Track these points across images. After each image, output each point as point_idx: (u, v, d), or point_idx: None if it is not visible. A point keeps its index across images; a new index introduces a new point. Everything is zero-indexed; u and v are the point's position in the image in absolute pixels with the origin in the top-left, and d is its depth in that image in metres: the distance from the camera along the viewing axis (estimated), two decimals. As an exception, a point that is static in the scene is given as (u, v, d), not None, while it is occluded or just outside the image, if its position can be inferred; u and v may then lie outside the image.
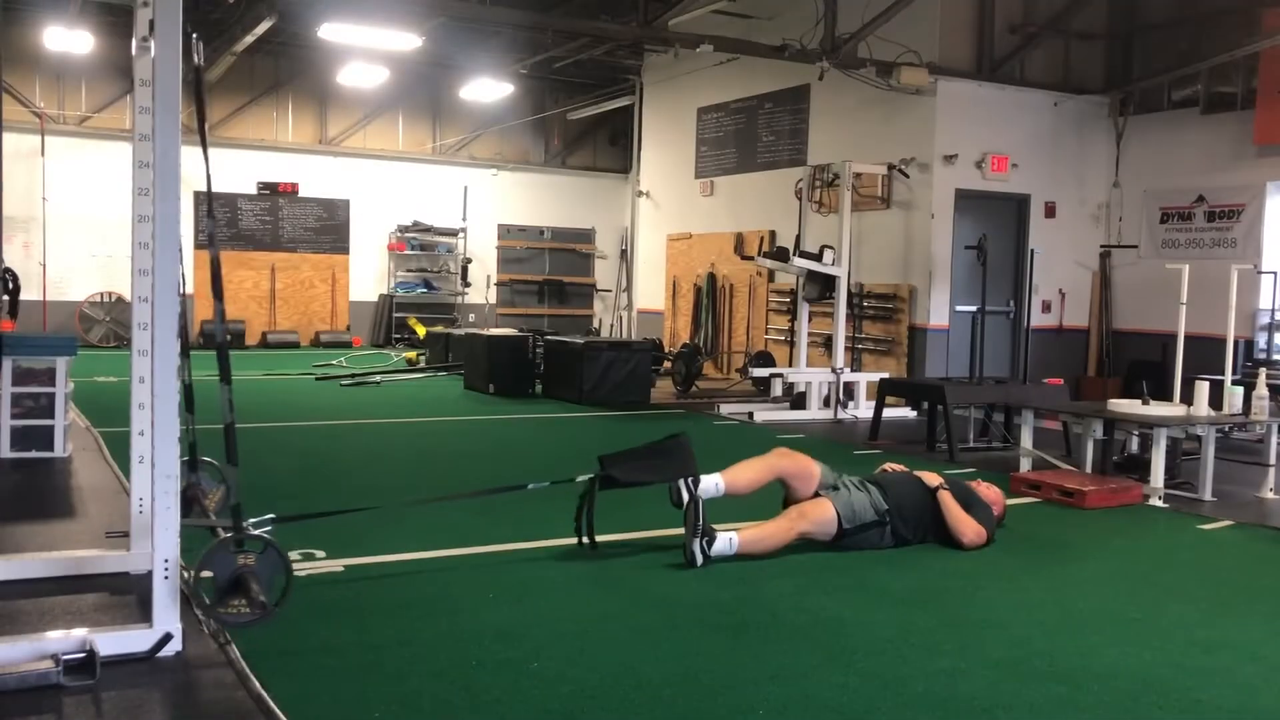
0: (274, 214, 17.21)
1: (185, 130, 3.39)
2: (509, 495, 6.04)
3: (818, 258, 10.49)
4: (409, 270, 18.33)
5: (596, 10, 13.35)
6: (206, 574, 3.33)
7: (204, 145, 3.71)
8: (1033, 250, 11.09)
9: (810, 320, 11.18)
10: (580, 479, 4.98)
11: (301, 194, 17.35)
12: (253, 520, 3.68)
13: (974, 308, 9.88)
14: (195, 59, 3.72)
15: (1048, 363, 11.84)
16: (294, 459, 7.29)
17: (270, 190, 17.11)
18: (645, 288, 16.94)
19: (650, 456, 5.00)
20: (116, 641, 3.31)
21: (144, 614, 3.61)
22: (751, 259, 10.94)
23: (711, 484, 4.91)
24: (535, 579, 4.50)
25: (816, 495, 5.14)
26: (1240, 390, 6.80)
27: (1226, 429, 7.10)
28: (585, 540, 4.90)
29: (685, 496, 4.84)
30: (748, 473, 5.07)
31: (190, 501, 4.60)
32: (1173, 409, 6.80)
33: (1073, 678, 3.52)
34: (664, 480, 4.93)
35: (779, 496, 5.27)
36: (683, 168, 15.68)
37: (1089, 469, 7.05)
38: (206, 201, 4.00)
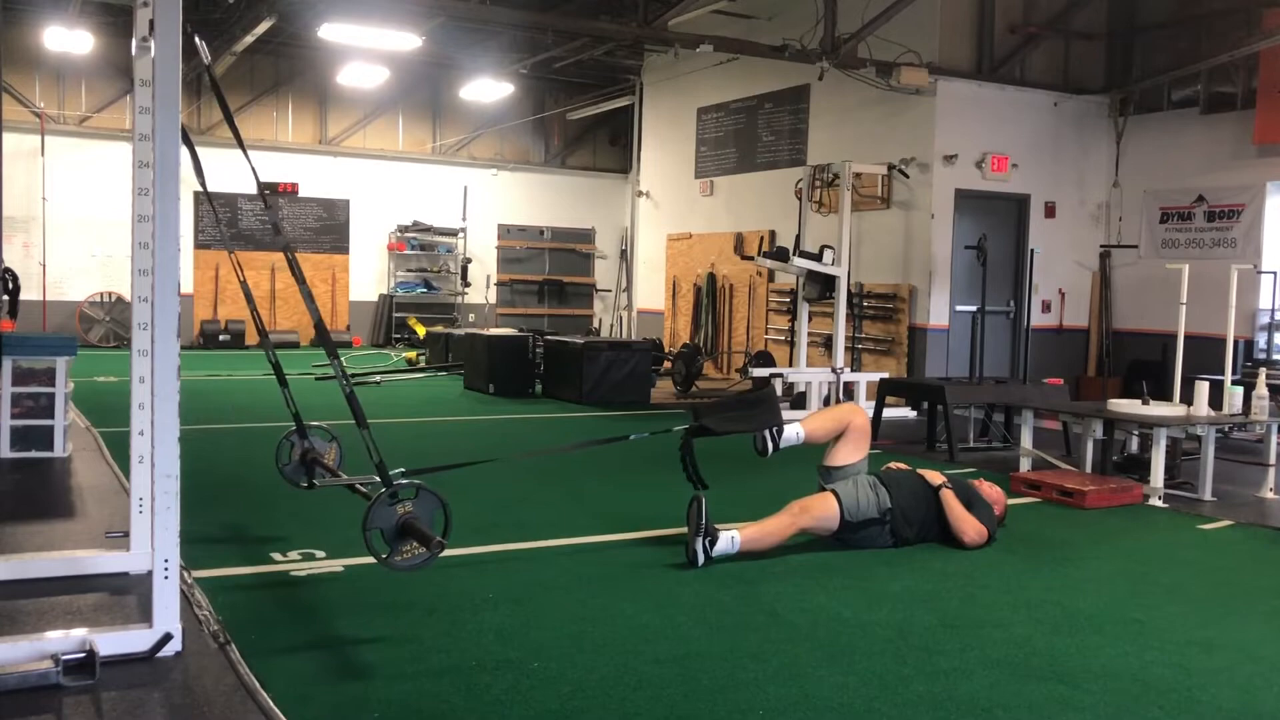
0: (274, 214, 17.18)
1: (194, 131, 3.39)
2: (509, 495, 6.05)
3: (818, 258, 10.49)
4: (409, 270, 18.33)
5: (596, 10, 13.35)
6: (375, 528, 3.53)
7: (238, 139, 3.83)
8: (1033, 250, 11.09)
9: (810, 320, 11.18)
10: (677, 429, 5.11)
11: (301, 194, 17.35)
12: (394, 472, 3.82)
13: (974, 308, 9.89)
14: (204, 58, 3.76)
15: (1048, 363, 11.84)
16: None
17: (270, 190, 17.10)
18: (645, 288, 16.94)
19: (739, 407, 5.23)
20: (116, 641, 3.31)
21: (144, 614, 3.61)
22: (751, 259, 10.94)
23: (793, 433, 5.11)
24: (535, 579, 4.50)
25: (829, 482, 5.17)
26: (1240, 390, 6.79)
27: (1226, 429, 7.11)
28: (698, 484, 4.92)
29: (770, 446, 5.04)
30: (825, 423, 5.29)
31: (312, 464, 4.96)
32: (1173, 409, 6.80)
33: (1073, 678, 3.52)
34: (752, 430, 5.09)
35: (784, 495, 5.27)
36: (683, 168, 15.68)
37: (1089, 469, 7.05)
38: (258, 193, 4.11)
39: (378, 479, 3.74)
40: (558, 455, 7.92)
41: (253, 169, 4.07)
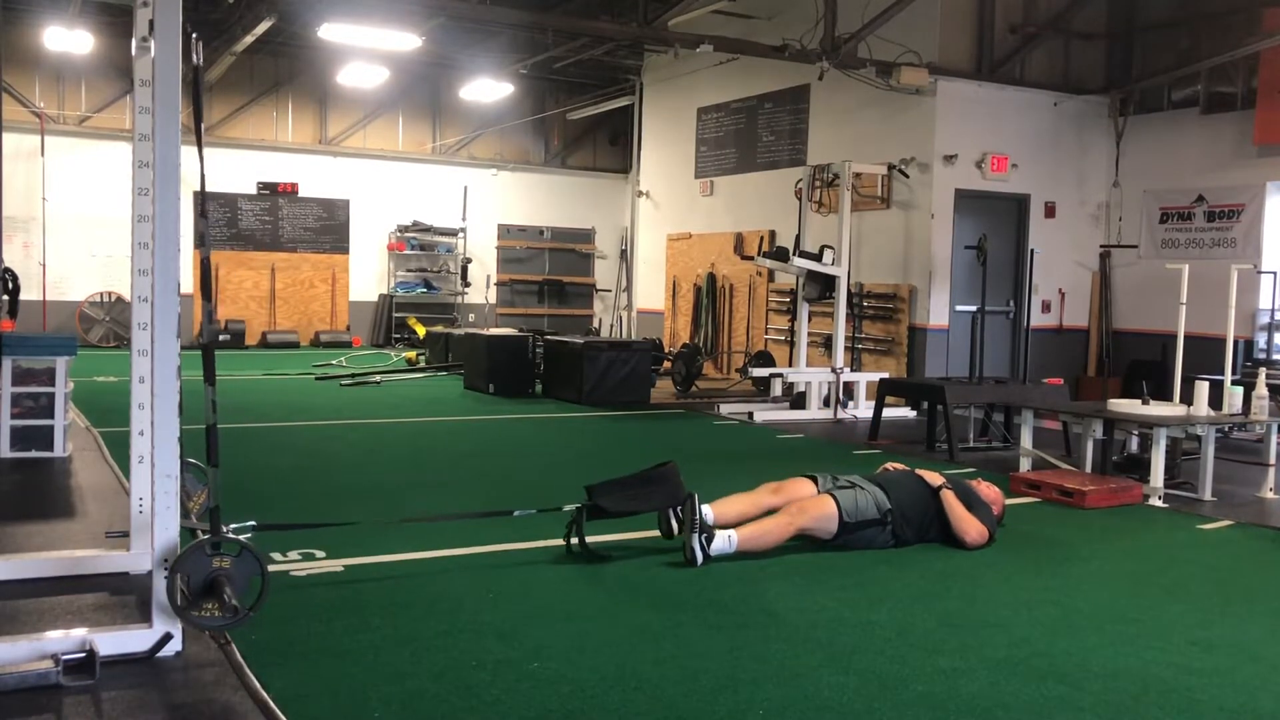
0: (274, 214, 17.21)
1: (186, 130, 3.39)
2: (509, 496, 6.05)
3: (818, 258, 10.49)
4: (409, 270, 18.33)
5: (596, 10, 13.35)
6: (180, 576, 3.27)
7: (200, 145, 3.71)
8: (1032, 250, 11.09)
9: (810, 320, 11.18)
10: (568, 508, 4.91)
11: (301, 194, 17.35)
12: (234, 525, 3.65)
13: (974, 308, 9.89)
14: (195, 59, 3.73)
15: (1048, 363, 11.85)
16: (293, 459, 7.29)
17: (270, 190, 17.11)
18: (645, 288, 16.94)
19: (639, 485, 4.98)
20: (116, 641, 3.32)
21: (144, 614, 3.61)
22: (751, 259, 10.94)
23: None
24: (535, 579, 4.50)
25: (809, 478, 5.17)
26: (1240, 390, 6.79)
27: (1226, 429, 7.11)
28: (586, 554, 4.81)
29: (675, 527, 4.87)
30: (738, 506, 5.08)
31: None
32: (1172, 409, 6.80)
33: (1073, 678, 3.52)
34: (652, 509, 4.95)
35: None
36: (683, 168, 15.68)
37: (1089, 469, 7.05)
38: (200, 201, 3.91)
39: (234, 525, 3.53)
40: (551, 458, 7.92)
41: (202, 175, 3.80)
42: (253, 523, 4.03)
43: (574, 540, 4.80)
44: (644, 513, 4.97)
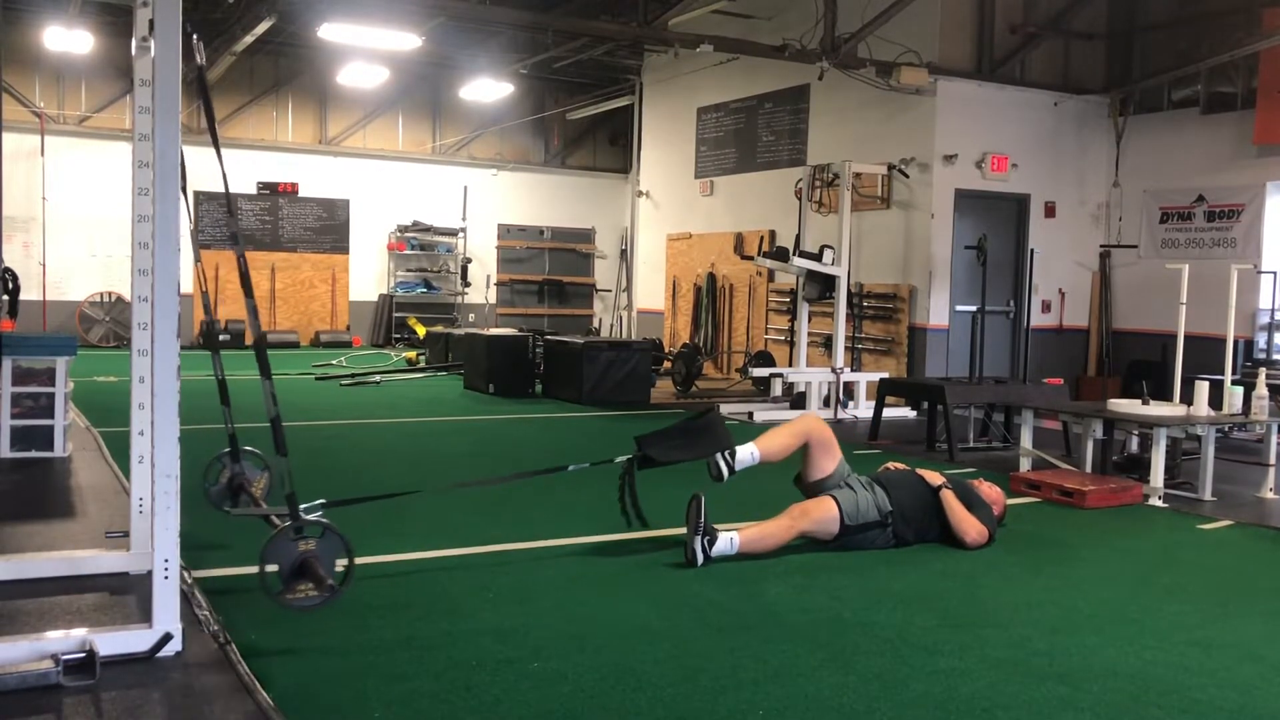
0: (274, 214, 17.21)
1: (186, 130, 3.39)
2: (509, 496, 6.05)
3: (818, 258, 10.48)
4: (409, 270, 18.34)
5: (596, 10, 13.35)
6: (271, 565, 3.45)
7: (216, 144, 3.76)
8: (1032, 250, 11.09)
9: (810, 320, 11.18)
10: (619, 460, 5.02)
11: (301, 194, 17.36)
12: (303, 505, 3.73)
13: (974, 308, 9.89)
14: (198, 59, 3.74)
15: (1048, 363, 11.85)
16: (293, 459, 7.26)
17: (270, 190, 17.11)
18: (645, 288, 16.94)
19: (685, 435, 5.08)
20: (116, 641, 3.31)
21: (144, 614, 3.61)
22: (751, 259, 10.94)
23: (747, 454, 5.01)
24: (535, 579, 4.50)
25: (820, 493, 5.16)
26: (1240, 390, 6.79)
27: (1226, 429, 7.11)
28: (635, 520, 4.91)
29: (725, 471, 4.95)
30: (780, 439, 5.17)
31: (238, 490, 4.78)
32: (1173, 409, 6.80)
33: (1073, 678, 3.52)
34: (700, 456, 5.02)
35: (785, 497, 5.27)
36: (683, 168, 15.68)
37: (1089, 469, 7.05)
38: (227, 199, 3.97)
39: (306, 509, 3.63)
40: (551, 459, 7.91)
41: (224, 175, 3.91)
42: (322, 500, 4.09)
43: (627, 501, 4.90)
44: (692, 460, 5.04)
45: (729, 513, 5.29)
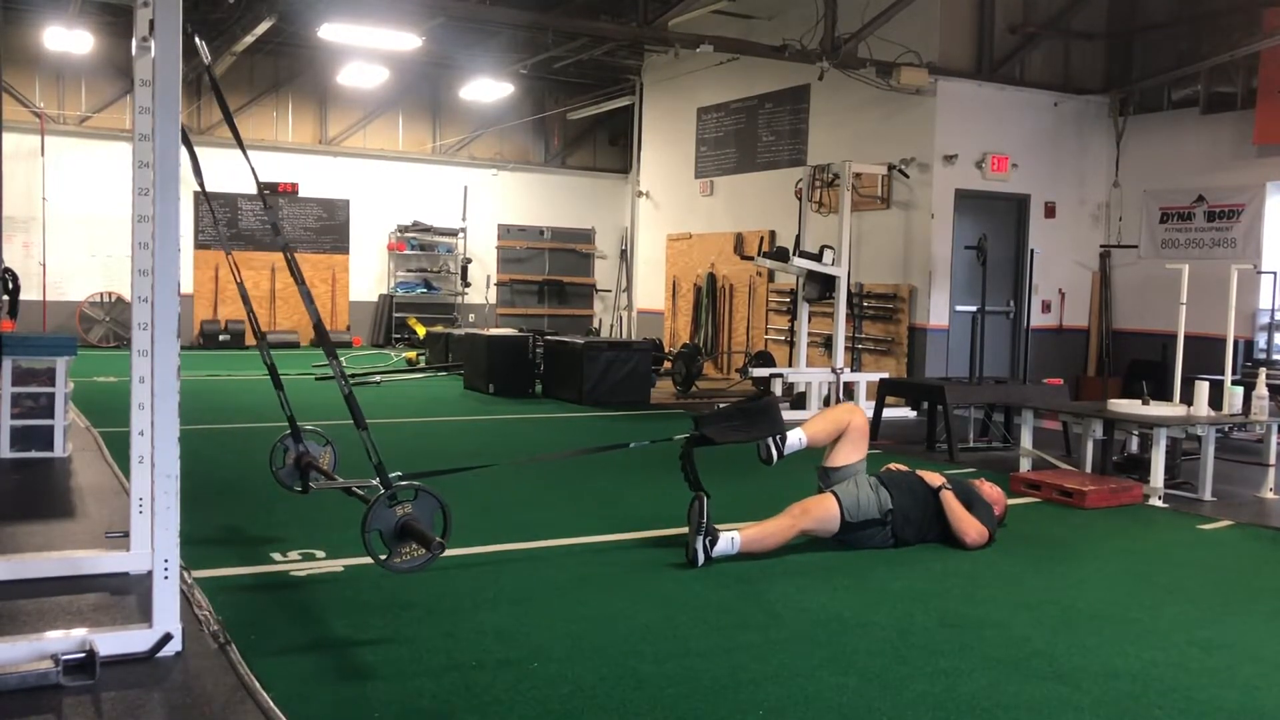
0: (274, 214, 17.21)
1: (194, 131, 3.39)
2: (509, 496, 6.05)
3: (818, 258, 10.48)
4: (409, 270, 18.33)
5: (596, 10, 13.35)
6: (374, 529, 3.55)
7: (239, 142, 3.81)
8: (1033, 250, 11.09)
9: (810, 320, 11.17)
10: (677, 438, 5.09)
11: (301, 194, 17.35)
12: (394, 475, 3.81)
13: (974, 308, 9.89)
14: (205, 58, 3.77)
15: (1048, 363, 11.84)
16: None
17: (270, 190, 17.10)
18: (645, 288, 16.94)
19: (743, 415, 5.16)
20: (116, 641, 3.31)
21: (144, 614, 3.60)
22: (751, 259, 10.94)
23: (796, 439, 5.11)
24: (535, 579, 4.50)
25: (832, 481, 5.17)
26: (1240, 390, 6.79)
27: (1226, 429, 7.10)
28: (699, 489, 4.94)
29: (775, 454, 5.04)
30: (826, 426, 5.28)
31: (307, 468, 4.92)
32: (1173, 409, 6.80)
33: (1073, 678, 3.52)
34: (754, 439, 5.09)
35: (786, 497, 5.27)
36: (683, 168, 15.68)
37: (1089, 469, 7.05)
38: (259, 191, 4.09)
39: (374, 482, 3.75)
40: (549, 464, 7.91)
41: (253, 170, 4.08)
42: (399, 473, 4.13)
43: (689, 471, 4.96)
44: (747, 442, 5.10)
45: (730, 513, 5.29)
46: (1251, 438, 8.50)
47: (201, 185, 4.35)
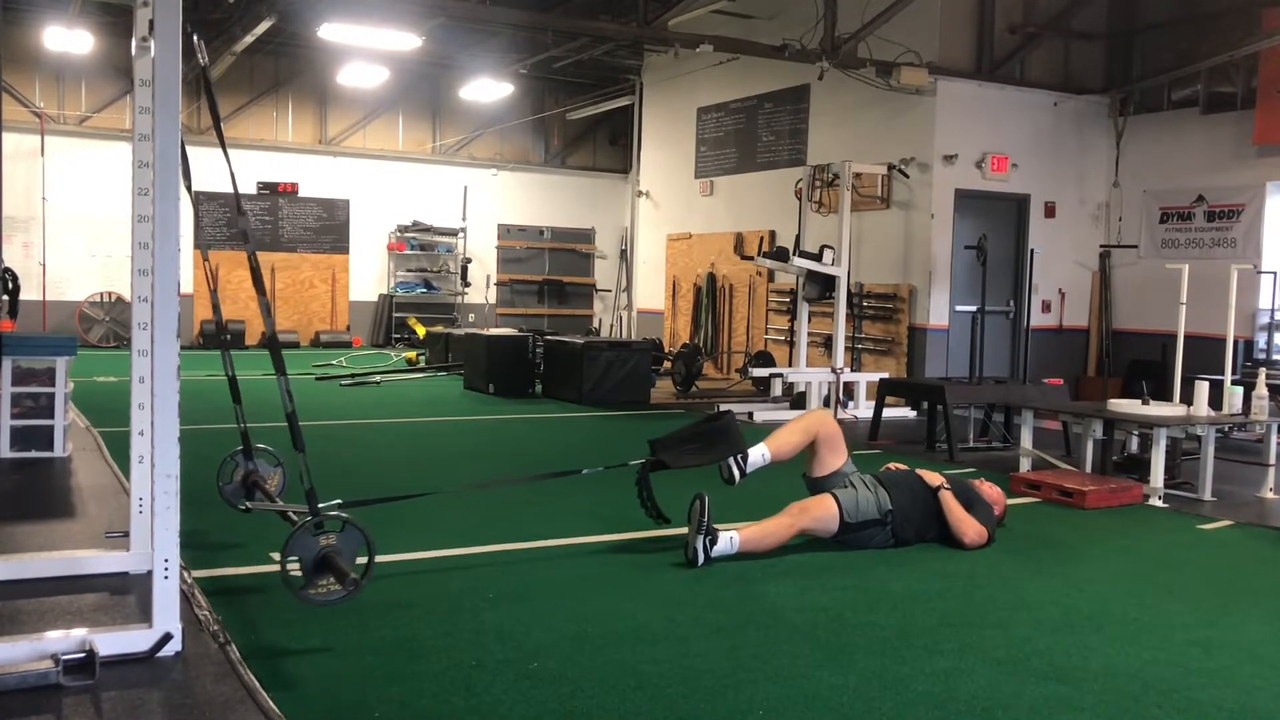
0: (274, 214, 17.21)
1: (186, 130, 3.39)
2: (509, 495, 6.05)
3: (818, 258, 10.49)
4: (409, 270, 18.33)
5: (596, 10, 13.35)
6: (293, 559, 3.44)
7: (222, 143, 3.77)
8: (1033, 250, 11.08)
9: (810, 320, 11.18)
10: (633, 463, 5.05)
11: (301, 194, 17.36)
12: (321, 505, 3.72)
13: (974, 308, 9.89)
14: (202, 59, 3.75)
15: (1048, 363, 11.85)
16: (292, 459, 7.27)
17: (270, 190, 17.11)
18: (645, 288, 16.94)
19: (699, 438, 5.11)
20: (116, 641, 3.31)
21: (144, 614, 3.61)
22: (751, 259, 10.94)
23: (759, 455, 5.05)
24: (535, 579, 4.50)
25: (823, 489, 5.17)
26: (1240, 390, 6.79)
27: (1226, 429, 7.11)
28: (658, 519, 4.99)
29: (736, 474, 5.00)
30: (790, 437, 5.19)
31: (252, 487, 4.84)
32: (1173, 409, 6.80)
33: (1073, 678, 3.52)
34: (713, 461, 5.05)
35: (786, 497, 5.27)
36: (683, 168, 15.68)
37: (1089, 469, 7.05)
38: (235, 198, 4.00)
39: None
40: (551, 459, 7.91)
41: (232, 176, 3.96)
42: (338, 501, 4.10)
43: (644, 497, 4.97)
44: (706, 465, 5.08)
45: (730, 513, 5.28)
46: (1251, 438, 8.50)
47: (188, 186, 4.31)
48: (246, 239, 3.90)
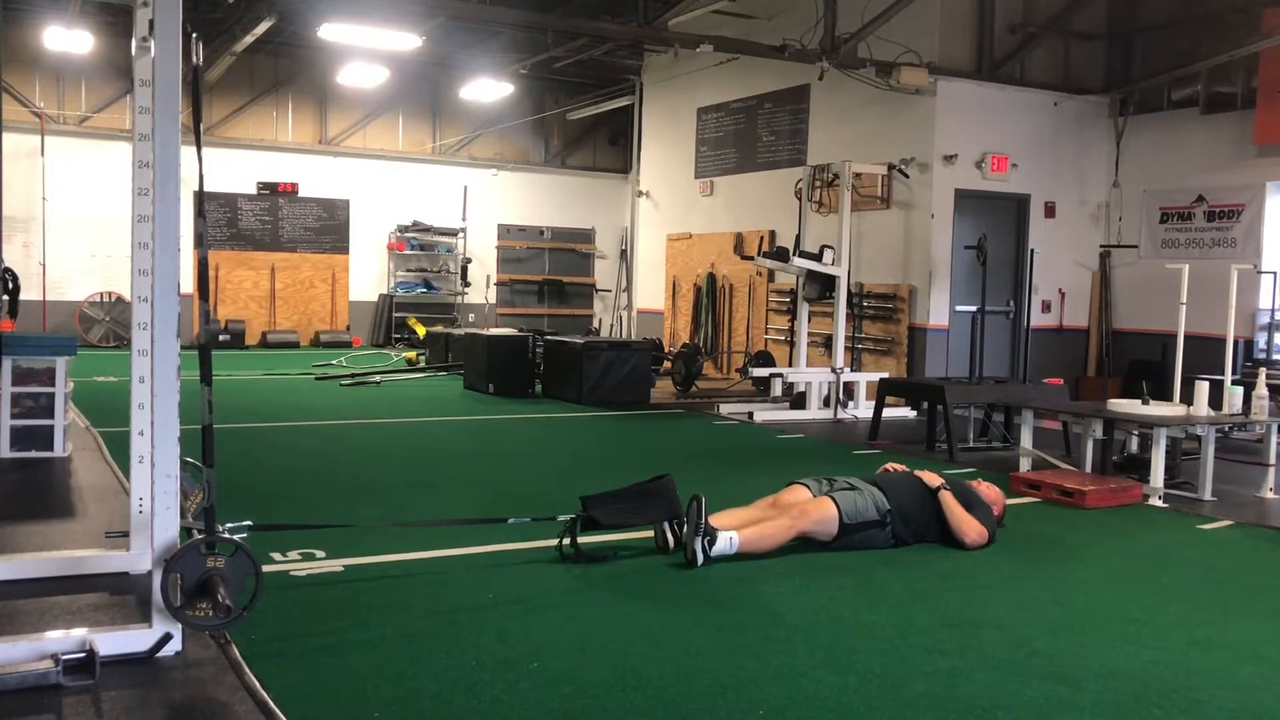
0: (274, 214, 17.21)
1: (186, 130, 3.38)
2: (509, 495, 6.05)
3: (818, 258, 10.49)
4: (409, 270, 18.33)
5: (596, 10, 13.35)
6: (174, 575, 3.24)
7: (199, 145, 3.71)
8: (1033, 250, 11.09)
9: (810, 320, 11.18)
10: (562, 519, 4.86)
11: (301, 194, 17.36)
12: (229, 525, 3.65)
13: (974, 308, 9.89)
14: (195, 59, 3.73)
15: (1048, 363, 11.85)
16: (292, 459, 7.29)
17: (270, 190, 17.11)
18: (645, 288, 16.94)
19: (633, 498, 4.97)
20: (116, 641, 3.31)
21: (144, 614, 3.61)
22: (751, 259, 10.94)
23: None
24: (535, 579, 4.50)
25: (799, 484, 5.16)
26: (1240, 390, 6.79)
27: (1226, 429, 7.10)
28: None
29: (670, 541, 4.86)
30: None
31: None
32: (1173, 409, 6.80)
33: (1073, 678, 3.52)
34: (647, 522, 4.94)
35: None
36: (683, 168, 15.68)
37: (1089, 469, 7.05)
38: (198, 201, 3.88)
39: (226, 526, 3.52)
40: (551, 459, 7.92)
41: (201, 176, 3.79)
42: (248, 522, 4.03)
43: (566, 542, 4.78)
44: (637, 526, 4.95)
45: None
46: (1251, 438, 8.50)
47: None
48: (200, 242, 3.74)
